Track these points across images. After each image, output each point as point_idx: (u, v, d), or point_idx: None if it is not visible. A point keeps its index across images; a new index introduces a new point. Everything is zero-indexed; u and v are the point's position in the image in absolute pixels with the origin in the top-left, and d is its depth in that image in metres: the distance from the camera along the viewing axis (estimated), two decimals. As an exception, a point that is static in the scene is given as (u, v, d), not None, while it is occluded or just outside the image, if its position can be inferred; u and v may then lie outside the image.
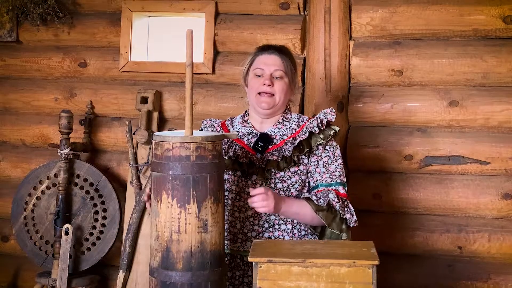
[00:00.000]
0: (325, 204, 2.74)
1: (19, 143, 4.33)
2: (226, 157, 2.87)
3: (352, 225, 2.80)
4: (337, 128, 2.90)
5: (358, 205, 3.82)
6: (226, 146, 2.92)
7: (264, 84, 2.87)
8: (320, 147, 2.88)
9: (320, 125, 2.85)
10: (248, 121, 3.00)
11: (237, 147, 2.91)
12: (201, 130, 3.03)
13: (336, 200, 2.77)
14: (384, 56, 3.78)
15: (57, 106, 4.20)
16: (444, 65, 3.71)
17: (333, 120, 2.89)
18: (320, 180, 2.85)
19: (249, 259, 2.31)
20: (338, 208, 2.76)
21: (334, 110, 2.90)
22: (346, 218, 2.78)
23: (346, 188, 2.87)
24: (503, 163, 3.65)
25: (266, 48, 2.98)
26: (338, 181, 2.85)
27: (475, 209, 3.71)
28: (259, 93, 2.89)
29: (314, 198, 2.76)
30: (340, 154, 2.92)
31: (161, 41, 4.26)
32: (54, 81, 4.27)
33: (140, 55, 4.18)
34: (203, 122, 3.06)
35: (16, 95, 4.31)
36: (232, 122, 3.05)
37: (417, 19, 3.73)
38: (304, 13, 3.92)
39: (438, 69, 3.72)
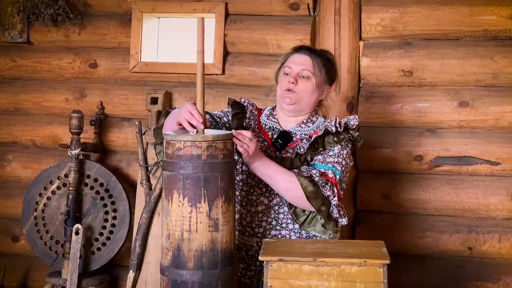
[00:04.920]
0: (307, 175, 2.69)
1: (29, 144, 4.35)
2: None
3: (333, 208, 2.70)
4: (355, 134, 2.82)
5: (368, 205, 3.84)
6: None
7: (289, 82, 2.87)
8: None
9: (338, 126, 2.80)
10: (275, 116, 2.99)
11: (259, 139, 2.89)
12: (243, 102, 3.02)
13: (317, 176, 2.69)
14: (394, 56, 3.78)
15: (68, 107, 4.22)
16: (454, 66, 3.70)
17: (354, 126, 2.83)
18: (312, 163, 2.80)
19: (260, 258, 2.32)
20: (317, 180, 2.68)
21: (357, 117, 2.86)
22: (327, 197, 2.68)
23: (337, 177, 2.75)
24: (513, 163, 3.66)
25: (299, 49, 2.98)
26: (330, 165, 2.77)
27: (485, 210, 3.70)
28: (285, 90, 2.89)
29: (296, 171, 2.73)
30: (346, 154, 2.83)
31: (171, 41, 4.27)
32: (65, 82, 4.29)
33: (150, 56, 4.19)
34: (242, 99, 3.03)
35: (27, 95, 4.33)
36: (261, 111, 3.05)
37: (427, 19, 3.73)
38: (314, 13, 3.92)
39: (448, 69, 3.71)
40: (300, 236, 2.84)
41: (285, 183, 2.71)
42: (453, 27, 3.71)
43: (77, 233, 3.82)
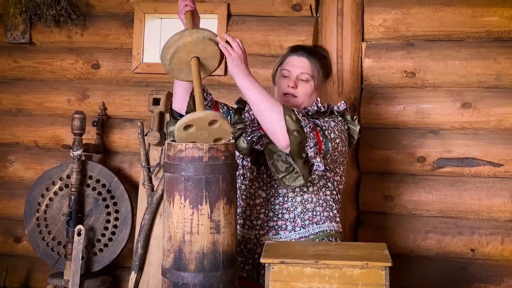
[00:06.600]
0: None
1: (32, 144, 4.35)
2: (245, 142, 2.86)
3: (309, 140, 2.60)
4: (338, 110, 2.85)
5: (370, 207, 3.83)
6: (250, 130, 2.90)
7: (288, 86, 2.90)
8: None
9: (321, 107, 2.83)
10: None
11: (258, 134, 2.89)
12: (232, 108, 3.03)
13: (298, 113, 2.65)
14: (396, 57, 3.78)
15: (70, 108, 4.22)
16: (457, 67, 3.69)
17: (341, 109, 2.87)
18: None
19: (262, 260, 2.32)
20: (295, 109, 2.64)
21: (344, 102, 2.90)
22: (304, 126, 2.61)
23: (318, 128, 2.68)
24: (516, 165, 3.64)
25: (297, 49, 2.99)
26: (312, 120, 2.74)
27: (488, 212, 3.69)
28: (284, 94, 2.92)
29: None
30: (334, 126, 2.76)
31: (174, 42, 4.26)
32: (67, 83, 4.29)
33: (153, 57, 4.19)
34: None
35: (29, 96, 4.33)
36: None
37: (430, 20, 3.72)
38: (317, 14, 3.91)
39: (451, 70, 3.71)
40: (296, 225, 2.85)
41: (266, 102, 2.64)
42: (455, 28, 3.70)
43: (79, 234, 3.82)
